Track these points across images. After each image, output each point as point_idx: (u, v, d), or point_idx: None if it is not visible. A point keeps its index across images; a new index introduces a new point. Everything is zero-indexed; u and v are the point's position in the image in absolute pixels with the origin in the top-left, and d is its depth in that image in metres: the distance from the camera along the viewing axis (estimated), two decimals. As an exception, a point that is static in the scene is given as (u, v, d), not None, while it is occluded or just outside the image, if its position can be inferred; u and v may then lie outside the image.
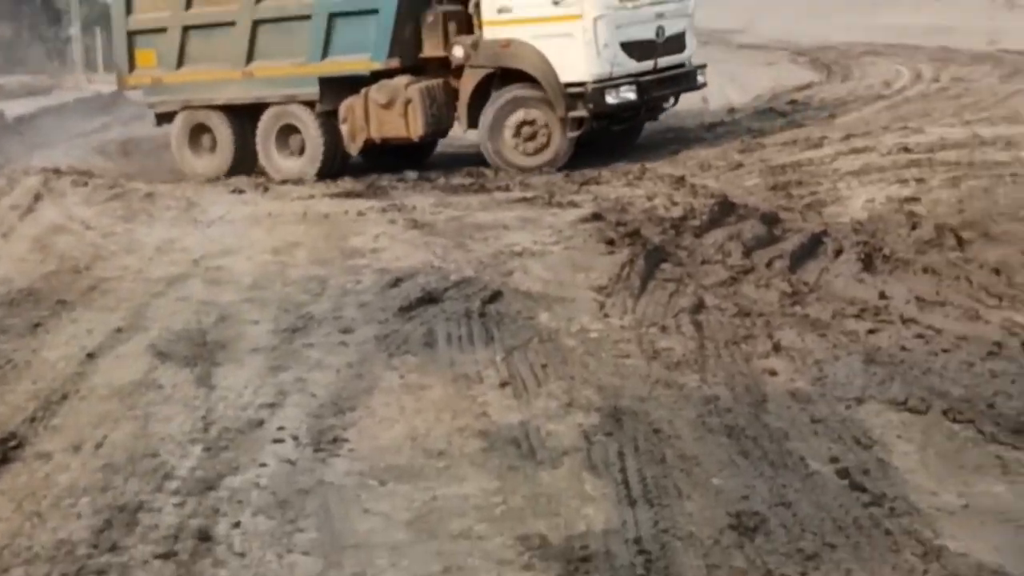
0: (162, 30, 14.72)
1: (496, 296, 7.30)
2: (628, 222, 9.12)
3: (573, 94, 12.42)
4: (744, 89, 17.53)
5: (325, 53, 13.66)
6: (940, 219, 8.22)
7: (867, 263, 7.42)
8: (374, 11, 13.33)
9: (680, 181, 10.96)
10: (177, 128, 14.89)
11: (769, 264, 7.61)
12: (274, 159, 14.09)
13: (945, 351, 5.77)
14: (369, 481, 4.76)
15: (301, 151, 13.95)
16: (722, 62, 18.59)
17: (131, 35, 15.03)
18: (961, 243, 7.67)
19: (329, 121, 13.68)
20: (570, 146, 12.67)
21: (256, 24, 14.06)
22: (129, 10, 14.91)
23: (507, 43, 12.74)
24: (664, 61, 13.13)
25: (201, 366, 6.36)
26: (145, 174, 14.99)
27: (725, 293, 7.10)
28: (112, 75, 17.28)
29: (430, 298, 7.31)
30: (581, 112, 12.45)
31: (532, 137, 12.71)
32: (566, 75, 12.41)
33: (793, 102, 15.92)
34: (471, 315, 6.92)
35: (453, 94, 13.33)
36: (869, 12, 26.98)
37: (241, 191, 12.64)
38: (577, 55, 12.39)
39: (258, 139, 14.19)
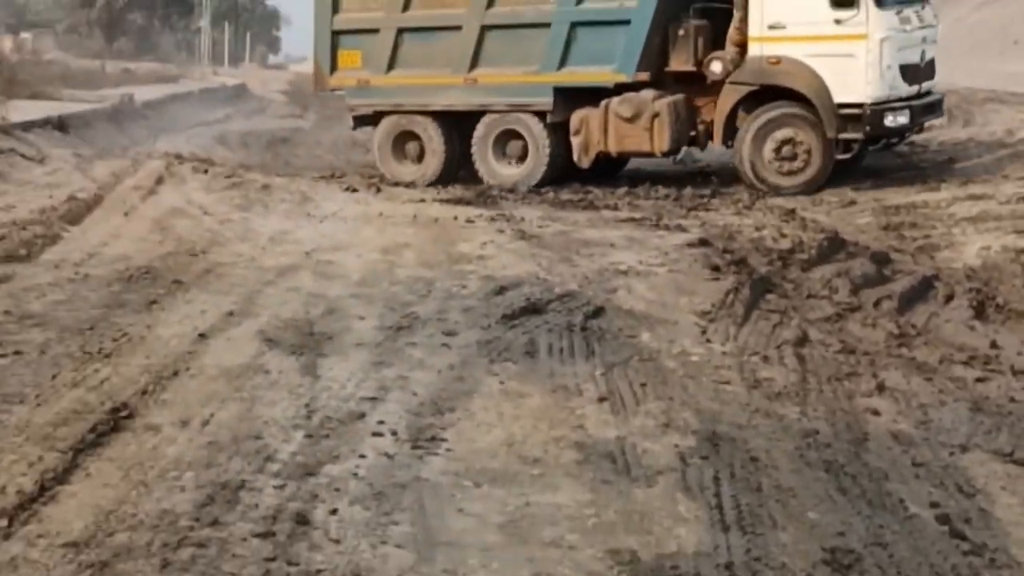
0: (372, 31, 14.41)
1: (599, 312, 7.33)
2: (735, 250, 9.10)
3: (844, 115, 12.17)
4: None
5: (563, 63, 13.40)
6: (1057, 273, 8.05)
7: (979, 311, 7.28)
8: (625, 22, 13.09)
9: (790, 214, 10.90)
10: (381, 133, 14.59)
11: (877, 304, 7.51)
12: (492, 166, 13.85)
13: (1055, 407, 5.65)
14: (464, 482, 4.81)
15: (519, 159, 13.73)
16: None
17: (335, 34, 14.70)
18: (1078, 299, 7.49)
19: (557, 131, 13.45)
20: (830, 168, 12.39)
21: (484, 30, 13.76)
22: (336, 9, 14.62)
23: (777, 60, 12.52)
24: (924, 86, 12.97)
25: (307, 355, 6.49)
26: (262, 166, 15.36)
27: (830, 329, 7.04)
28: (238, 68, 17.67)
29: (534, 308, 7.37)
30: (855, 134, 12.20)
31: (792, 158, 12.47)
32: (841, 96, 12.17)
33: (912, 143, 15.69)
34: (573, 328, 6.96)
35: (693, 110, 13.18)
36: (995, 59, 26.44)
37: (354, 190, 12.87)
38: (857, 76, 12.15)
39: (474, 146, 13.93)
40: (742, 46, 12.79)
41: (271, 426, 5.43)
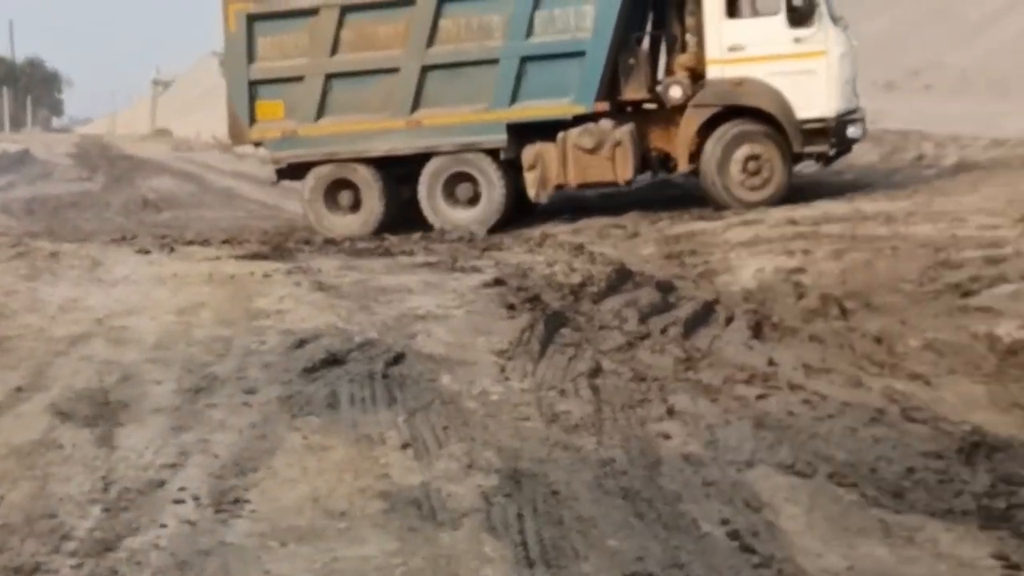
0: (296, 79, 13.77)
1: (399, 358, 7.39)
2: (529, 287, 9.33)
3: (808, 130, 12.62)
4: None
5: (515, 99, 13.18)
6: (825, 289, 8.57)
7: (756, 331, 7.69)
8: (579, 54, 13.00)
9: (579, 249, 11.23)
10: (311, 185, 13.92)
11: (664, 331, 7.84)
12: (443, 211, 13.47)
13: (830, 417, 5.98)
14: (270, 542, 4.78)
15: (470, 201, 13.43)
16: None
17: (252, 85, 13.95)
18: (845, 313, 8.00)
19: (509, 169, 13.23)
20: (790, 179, 12.84)
21: (425, 70, 13.36)
22: (251, 58, 13.87)
23: (740, 81, 12.82)
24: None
25: (102, 426, 6.32)
26: (50, 233, 14.81)
27: (622, 358, 7.30)
28: (20, 133, 17.07)
29: (334, 360, 7.37)
30: (821, 147, 12.69)
31: (756, 172, 12.81)
32: (804, 111, 12.64)
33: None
34: (374, 377, 7.00)
35: (645, 137, 13.34)
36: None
37: (147, 251, 12.56)
38: (819, 91, 12.63)
39: (421, 191, 13.49)
40: (692, 70, 13.16)
41: (66, 503, 5.26)
